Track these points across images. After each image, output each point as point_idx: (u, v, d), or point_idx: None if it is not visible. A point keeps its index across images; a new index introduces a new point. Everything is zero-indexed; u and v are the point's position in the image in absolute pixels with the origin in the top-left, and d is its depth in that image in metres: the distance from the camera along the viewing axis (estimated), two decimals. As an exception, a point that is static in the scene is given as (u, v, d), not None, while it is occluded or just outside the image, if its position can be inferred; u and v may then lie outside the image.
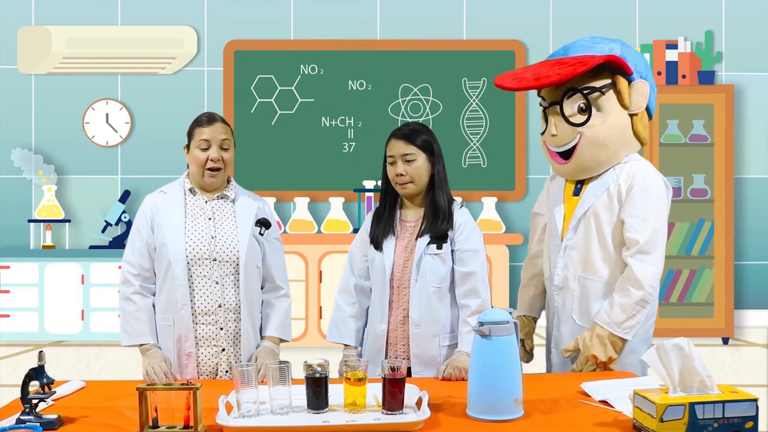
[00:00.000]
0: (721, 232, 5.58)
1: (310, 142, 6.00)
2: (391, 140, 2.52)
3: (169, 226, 2.48)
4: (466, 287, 2.48)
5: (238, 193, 2.59)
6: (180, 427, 1.82)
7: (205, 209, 2.53)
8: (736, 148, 5.89)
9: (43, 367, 1.93)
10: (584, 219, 2.51)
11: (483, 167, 6.01)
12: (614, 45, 2.50)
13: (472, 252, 2.49)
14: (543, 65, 2.53)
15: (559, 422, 1.88)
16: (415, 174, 2.48)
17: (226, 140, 2.51)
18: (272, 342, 2.56)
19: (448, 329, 2.50)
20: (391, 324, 2.52)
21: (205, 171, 2.49)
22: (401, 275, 2.51)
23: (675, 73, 5.76)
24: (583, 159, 2.50)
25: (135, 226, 2.55)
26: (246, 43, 6.00)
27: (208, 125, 2.49)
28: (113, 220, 5.83)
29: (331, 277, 5.41)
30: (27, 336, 5.58)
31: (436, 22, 6.02)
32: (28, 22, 6.00)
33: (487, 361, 1.91)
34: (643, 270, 2.37)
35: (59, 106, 6.01)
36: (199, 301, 2.46)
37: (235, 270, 2.49)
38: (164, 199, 2.54)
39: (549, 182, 2.78)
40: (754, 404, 1.75)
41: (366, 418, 1.89)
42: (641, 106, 2.50)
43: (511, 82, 2.52)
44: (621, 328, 2.38)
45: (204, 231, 2.49)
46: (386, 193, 2.60)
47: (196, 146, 2.49)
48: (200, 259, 2.46)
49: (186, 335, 2.45)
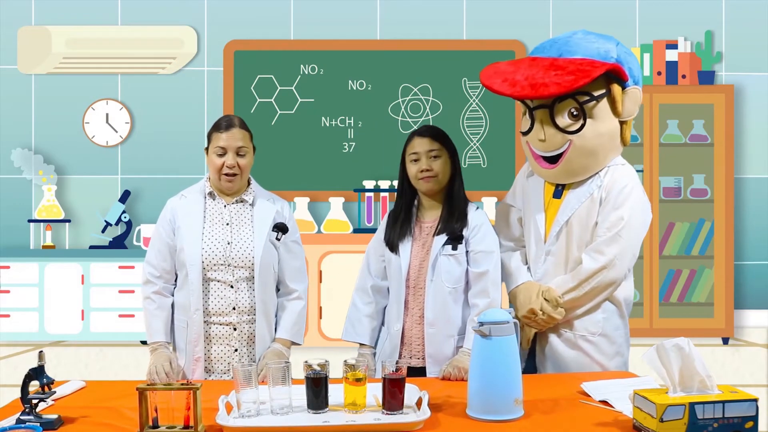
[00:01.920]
0: (721, 232, 5.58)
1: (310, 142, 6.00)
2: (415, 138, 2.56)
3: (188, 231, 2.51)
4: (478, 287, 2.50)
5: (257, 196, 2.60)
6: (180, 427, 1.82)
7: (223, 214, 2.55)
8: (736, 148, 5.89)
9: (43, 367, 1.93)
10: (567, 226, 2.47)
11: (483, 167, 6.01)
12: (610, 46, 2.43)
13: (486, 253, 2.51)
14: (535, 66, 2.42)
15: (559, 422, 1.88)
16: (441, 169, 2.53)
17: (243, 147, 2.51)
18: (282, 344, 2.56)
19: (463, 330, 2.51)
20: (407, 324, 2.54)
21: (221, 176, 2.51)
22: (417, 275, 2.53)
23: (675, 73, 5.76)
24: (571, 165, 2.45)
25: (157, 229, 2.57)
26: (246, 43, 6.00)
27: (226, 131, 2.49)
28: (113, 220, 5.82)
29: (331, 277, 5.41)
30: (27, 336, 5.58)
31: (436, 22, 6.02)
32: (28, 22, 6.00)
33: (487, 361, 1.91)
34: (595, 264, 2.40)
35: (59, 106, 6.00)
36: (213, 303, 2.48)
37: (250, 274, 2.50)
38: (184, 204, 2.56)
39: (524, 179, 2.68)
40: (754, 404, 1.75)
41: (366, 418, 1.89)
42: (633, 113, 2.46)
43: (502, 86, 2.42)
44: (556, 285, 2.44)
45: (220, 237, 2.51)
46: (402, 193, 2.61)
47: (213, 151, 2.51)
48: (216, 264, 2.48)
49: (196, 339, 2.48)
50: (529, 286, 2.50)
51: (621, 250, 2.39)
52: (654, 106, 5.58)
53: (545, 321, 2.45)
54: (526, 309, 2.46)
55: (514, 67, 2.47)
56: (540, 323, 2.47)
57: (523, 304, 2.48)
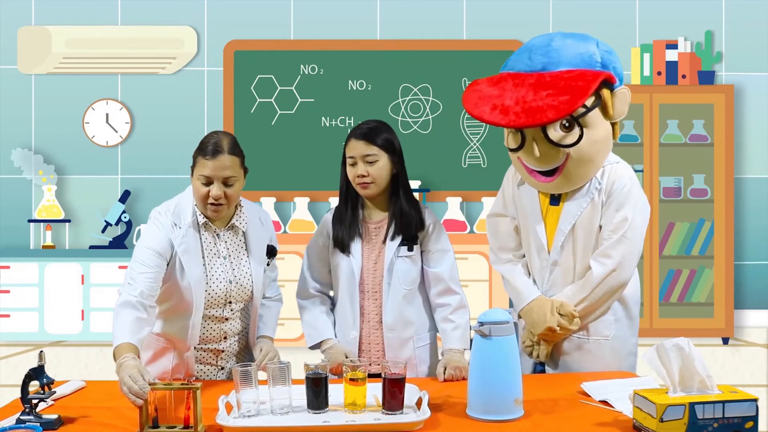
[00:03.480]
0: (721, 232, 5.58)
1: (310, 142, 6.00)
2: (351, 140, 2.44)
3: (191, 271, 2.28)
4: (441, 287, 2.46)
5: (248, 220, 2.40)
6: (180, 427, 1.82)
7: (219, 246, 2.37)
8: (736, 148, 5.89)
9: (43, 367, 1.93)
10: (571, 234, 2.42)
11: (483, 167, 6.01)
12: (591, 48, 2.34)
13: (443, 252, 2.47)
14: (522, 85, 2.30)
15: (559, 422, 1.88)
16: (378, 175, 2.40)
17: (232, 177, 2.25)
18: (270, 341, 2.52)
19: (420, 330, 2.48)
20: (364, 330, 2.48)
21: (206, 205, 2.28)
22: (371, 279, 2.47)
23: (675, 73, 5.75)
24: (569, 176, 2.38)
25: (151, 249, 2.25)
26: (246, 43, 6.00)
27: (212, 158, 2.22)
28: (113, 220, 5.82)
29: (331, 277, 5.40)
30: (27, 336, 5.58)
31: (436, 22, 6.02)
32: (28, 22, 6.00)
33: (487, 361, 1.91)
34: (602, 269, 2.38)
35: (59, 106, 6.00)
36: (206, 335, 2.38)
37: (245, 305, 2.43)
38: (183, 237, 2.29)
39: (514, 187, 2.58)
40: (754, 404, 1.75)
41: (366, 418, 1.89)
42: (624, 112, 2.40)
43: (493, 115, 2.28)
44: (567, 297, 2.40)
45: (222, 275, 2.35)
46: (347, 193, 2.50)
47: (197, 178, 2.26)
48: (216, 305, 2.36)
49: (181, 370, 2.36)
50: (542, 302, 2.43)
51: (628, 251, 2.37)
52: (654, 106, 5.58)
53: (561, 334, 2.43)
54: (543, 327, 2.40)
55: (498, 89, 2.34)
56: (557, 337, 2.45)
57: (538, 322, 2.41)
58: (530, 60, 2.36)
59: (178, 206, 2.36)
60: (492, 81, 2.40)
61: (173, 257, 2.29)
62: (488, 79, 2.43)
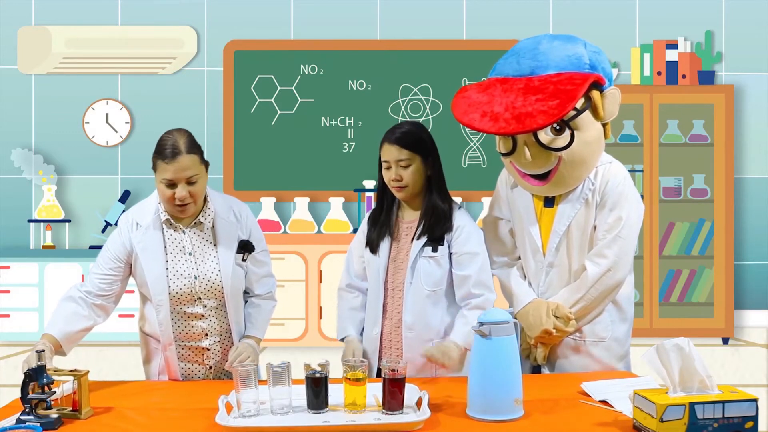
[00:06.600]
0: (721, 232, 5.58)
1: (310, 142, 6.00)
2: (385, 145, 2.46)
3: (150, 268, 2.35)
4: (464, 290, 2.44)
5: (216, 215, 2.40)
6: (69, 409, 1.95)
7: (183, 242, 2.38)
8: (736, 148, 5.89)
9: (43, 367, 1.93)
10: (566, 236, 2.42)
11: (483, 167, 6.01)
12: (579, 49, 2.33)
13: (471, 255, 2.44)
14: (510, 90, 2.29)
15: (559, 422, 1.88)
16: (411, 179, 2.43)
17: (194, 176, 2.27)
18: (254, 341, 2.49)
19: (441, 334, 2.46)
20: (386, 327, 2.49)
21: (173, 206, 2.30)
22: (395, 278, 2.48)
23: (675, 73, 5.76)
24: (563, 179, 2.37)
25: (108, 251, 2.41)
26: (246, 43, 6.00)
27: (172, 160, 2.23)
28: (113, 220, 5.82)
29: (332, 277, 5.41)
30: (27, 336, 5.57)
31: (436, 22, 6.02)
32: (28, 22, 6.00)
33: (487, 361, 1.91)
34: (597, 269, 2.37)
35: (59, 106, 6.01)
36: (184, 331, 2.41)
37: (220, 302, 2.42)
38: (142, 236, 2.36)
39: (508, 189, 2.58)
40: (754, 404, 1.75)
41: (366, 418, 1.89)
42: (615, 113, 2.38)
43: (483, 123, 2.26)
44: (563, 299, 2.40)
45: (186, 271, 2.36)
46: (383, 195, 2.54)
47: (160, 182, 2.28)
48: (183, 299, 2.37)
49: (165, 366, 2.43)
50: (538, 305, 2.42)
51: (622, 250, 2.37)
52: (654, 106, 5.58)
53: (558, 337, 2.43)
54: (539, 330, 2.39)
55: (487, 95, 2.33)
56: (554, 340, 2.45)
57: (535, 325, 2.41)
58: (518, 64, 2.36)
59: (141, 205, 2.44)
60: (481, 87, 2.40)
61: (134, 257, 2.38)
62: (477, 84, 2.43)
